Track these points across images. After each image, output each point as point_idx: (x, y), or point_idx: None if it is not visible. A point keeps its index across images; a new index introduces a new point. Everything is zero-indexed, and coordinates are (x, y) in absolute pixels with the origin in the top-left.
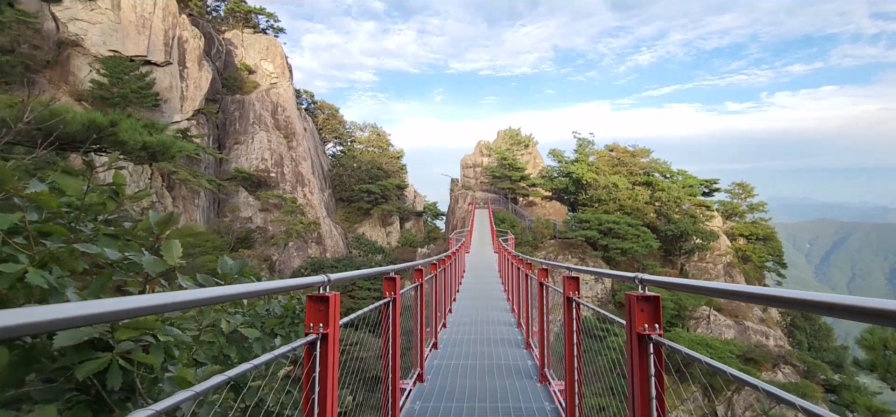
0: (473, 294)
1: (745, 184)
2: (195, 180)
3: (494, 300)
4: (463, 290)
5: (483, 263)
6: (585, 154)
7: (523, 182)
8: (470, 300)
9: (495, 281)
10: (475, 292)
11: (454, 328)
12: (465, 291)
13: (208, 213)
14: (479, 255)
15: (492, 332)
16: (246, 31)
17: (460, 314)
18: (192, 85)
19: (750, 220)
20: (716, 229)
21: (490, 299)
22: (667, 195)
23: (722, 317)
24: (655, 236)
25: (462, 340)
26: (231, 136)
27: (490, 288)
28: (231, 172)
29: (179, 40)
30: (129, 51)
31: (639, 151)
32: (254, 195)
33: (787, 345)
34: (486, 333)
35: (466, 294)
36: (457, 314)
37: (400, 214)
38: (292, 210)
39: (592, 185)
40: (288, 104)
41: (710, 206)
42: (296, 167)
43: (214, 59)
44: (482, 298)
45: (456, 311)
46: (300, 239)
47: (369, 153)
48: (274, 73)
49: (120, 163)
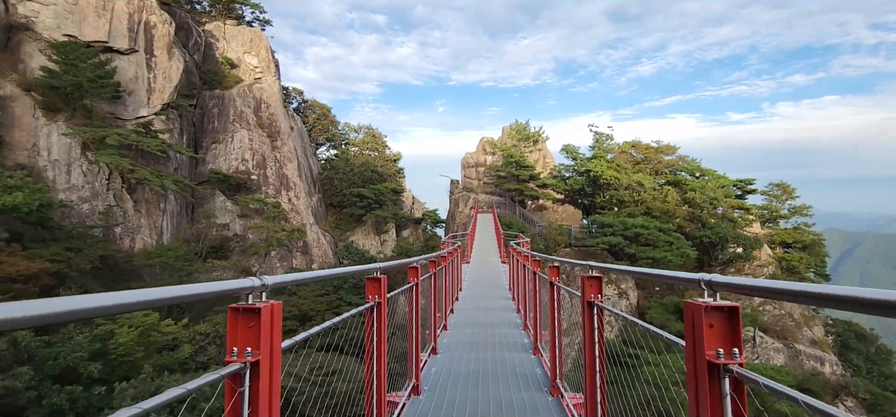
0: (471, 321)
1: (785, 184)
2: (155, 180)
3: (504, 334)
4: (458, 312)
5: (487, 278)
6: (604, 150)
7: (532, 183)
8: (467, 333)
9: (504, 305)
10: (474, 322)
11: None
12: (460, 314)
13: (178, 219)
14: (482, 267)
15: (496, 334)
16: (229, 23)
17: (461, 315)
18: (161, 76)
19: (789, 225)
20: (759, 236)
21: (495, 332)
22: (700, 196)
23: (769, 339)
24: (691, 244)
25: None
26: (209, 134)
27: (497, 317)
28: (206, 173)
29: (146, 25)
30: (86, 36)
31: (663, 148)
32: (232, 200)
33: (841, 371)
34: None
35: (462, 321)
36: (458, 313)
37: (396, 221)
38: (275, 216)
39: (613, 185)
40: (272, 100)
41: (750, 209)
42: (280, 169)
43: (192, 51)
44: (486, 330)
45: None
46: (284, 248)
47: (364, 156)
48: (258, 67)
49: None
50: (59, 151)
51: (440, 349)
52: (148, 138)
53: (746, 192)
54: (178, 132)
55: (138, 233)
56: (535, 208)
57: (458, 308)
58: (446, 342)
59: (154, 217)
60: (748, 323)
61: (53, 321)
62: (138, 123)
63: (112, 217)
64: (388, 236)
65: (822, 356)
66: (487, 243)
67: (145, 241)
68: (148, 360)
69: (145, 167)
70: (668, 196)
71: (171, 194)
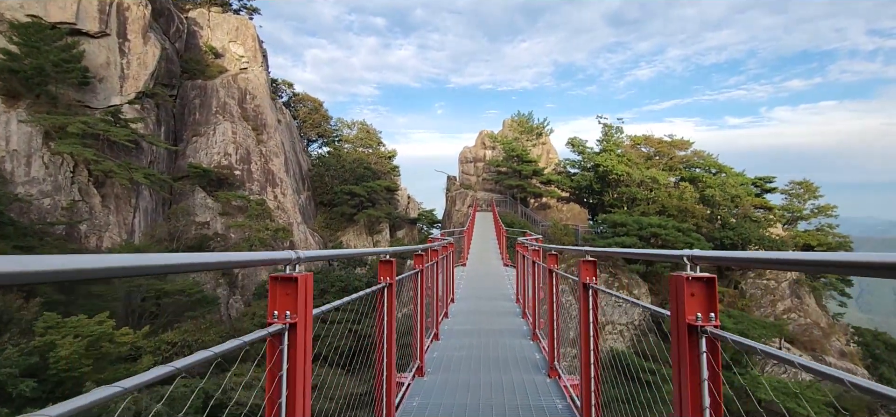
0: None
1: (807, 183)
2: (122, 173)
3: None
4: (446, 336)
5: (487, 286)
6: (613, 144)
7: (535, 179)
8: None
9: (513, 325)
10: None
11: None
12: (448, 343)
13: (153, 216)
14: (480, 272)
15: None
16: (214, 10)
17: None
18: (136, 62)
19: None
20: (784, 238)
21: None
22: (720, 194)
23: (796, 352)
24: (712, 246)
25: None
26: (189, 127)
27: (505, 346)
28: (186, 168)
29: (119, 7)
30: (52, 16)
31: (677, 142)
32: (213, 196)
33: None
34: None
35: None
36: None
37: (390, 220)
38: (258, 214)
39: (624, 181)
40: (259, 91)
41: (773, 208)
42: (265, 164)
43: (174, 39)
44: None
45: None
46: (268, 248)
47: (357, 152)
48: (244, 57)
49: None
50: (19, 141)
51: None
52: (116, 127)
53: (765, 190)
54: (154, 123)
55: (106, 231)
56: (538, 207)
57: (449, 329)
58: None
59: (124, 214)
60: (774, 334)
61: (74, 279)
62: (108, 112)
63: (76, 213)
64: (381, 236)
65: (852, 368)
66: (487, 243)
67: (114, 240)
68: (98, 375)
69: (114, 159)
70: (685, 193)
71: (146, 190)
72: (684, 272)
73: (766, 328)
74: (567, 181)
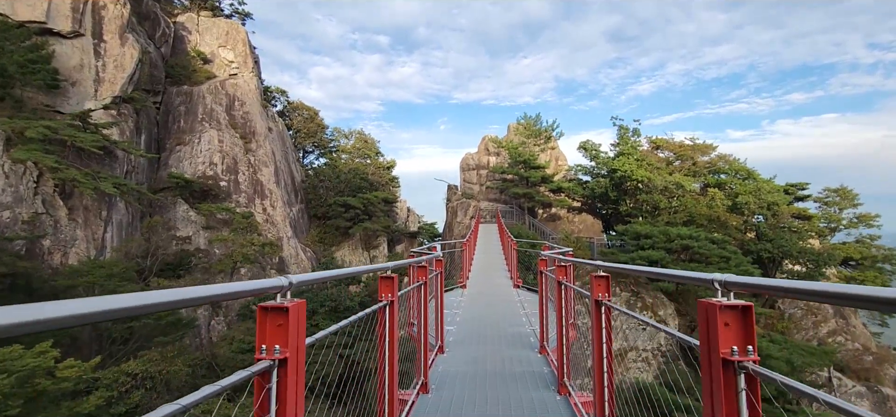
0: None
1: (845, 190)
2: (87, 182)
3: None
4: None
5: (495, 319)
6: (630, 147)
7: (544, 187)
8: None
9: (543, 407)
10: None
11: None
12: None
13: (129, 230)
14: (484, 296)
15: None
16: (203, 14)
17: None
18: (112, 64)
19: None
20: (829, 250)
21: None
22: (754, 201)
23: (849, 381)
24: (750, 260)
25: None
26: (173, 135)
27: None
28: (167, 178)
29: (94, 6)
30: (19, 15)
31: (700, 146)
32: (196, 208)
33: None
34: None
35: None
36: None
37: (388, 234)
38: (244, 227)
39: (644, 187)
40: (248, 98)
41: (814, 218)
42: (254, 174)
43: (159, 43)
44: None
45: None
46: (256, 265)
47: (354, 163)
48: (234, 62)
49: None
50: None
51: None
52: (85, 133)
53: (798, 198)
54: (133, 130)
55: (72, 246)
56: (547, 218)
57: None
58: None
59: (94, 228)
60: (823, 362)
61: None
62: (76, 117)
63: (39, 227)
64: (378, 251)
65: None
66: (492, 258)
67: (81, 255)
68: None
69: (81, 168)
70: (714, 200)
71: (120, 202)
72: (715, 299)
73: (815, 354)
74: (579, 190)
